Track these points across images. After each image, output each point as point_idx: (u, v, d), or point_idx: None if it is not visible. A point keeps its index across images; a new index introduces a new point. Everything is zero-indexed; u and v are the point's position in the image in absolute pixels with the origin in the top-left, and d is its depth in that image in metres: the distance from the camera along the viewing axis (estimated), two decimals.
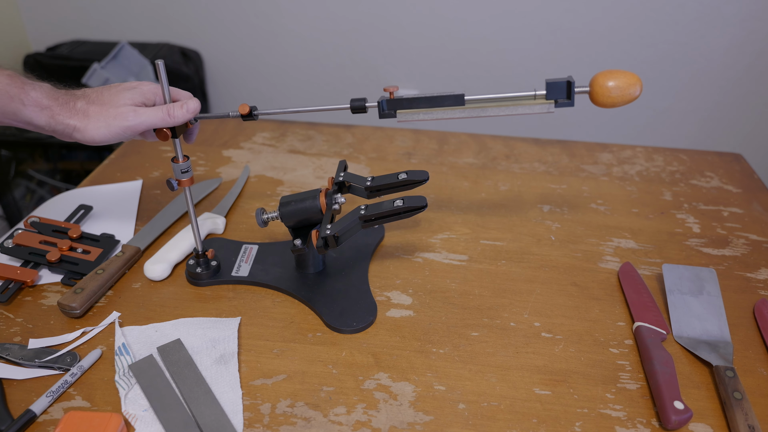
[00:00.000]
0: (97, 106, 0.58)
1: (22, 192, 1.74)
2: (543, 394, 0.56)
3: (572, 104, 0.57)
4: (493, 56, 1.77)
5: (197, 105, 0.59)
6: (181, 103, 0.59)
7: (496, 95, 0.58)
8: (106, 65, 1.72)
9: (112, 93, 0.59)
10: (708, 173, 0.94)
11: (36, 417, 0.52)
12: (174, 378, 0.56)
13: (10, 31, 1.90)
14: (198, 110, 0.60)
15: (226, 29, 1.85)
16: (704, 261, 0.75)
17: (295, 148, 0.98)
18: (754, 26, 1.62)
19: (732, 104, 1.76)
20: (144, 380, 0.55)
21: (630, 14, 1.65)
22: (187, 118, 0.59)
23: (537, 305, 0.67)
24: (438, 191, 0.87)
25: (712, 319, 0.64)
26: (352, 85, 1.87)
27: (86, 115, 0.57)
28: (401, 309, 0.66)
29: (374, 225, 0.62)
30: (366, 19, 1.76)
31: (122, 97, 0.59)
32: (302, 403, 0.54)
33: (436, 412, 0.54)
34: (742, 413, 0.52)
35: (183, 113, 0.58)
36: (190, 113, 0.59)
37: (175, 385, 0.55)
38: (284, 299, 0.67)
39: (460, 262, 0.73)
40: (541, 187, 0.89)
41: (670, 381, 0.55)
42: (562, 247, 0.76)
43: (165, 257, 0.69)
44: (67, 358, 0.57)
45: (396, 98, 0.60)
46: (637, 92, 0.56)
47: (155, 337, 0.61)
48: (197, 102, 0.60)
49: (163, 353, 0.58)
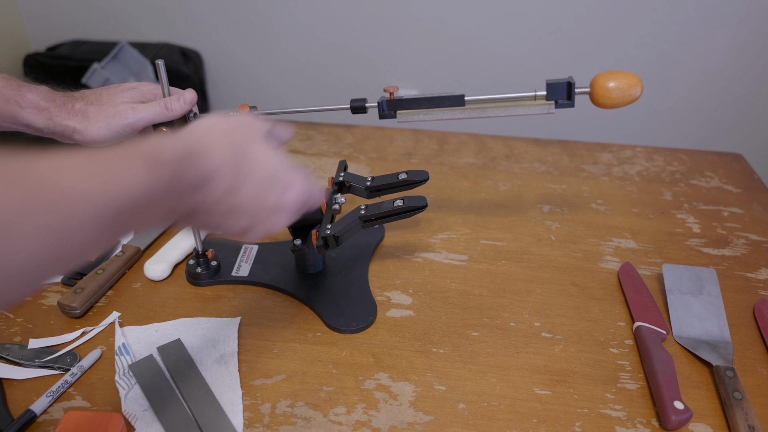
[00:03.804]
0: (96, 106, 0.58)
1: None
2: (543, 394, 0.56)
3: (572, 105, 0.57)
4: (493, 56, 1.77)
5: (193, 95, 0.60)
6: (177, 96, 0.59)
7: (496, 96, 0.58)
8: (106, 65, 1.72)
9: (111, 93, 0.59)
10: (708, 173, 0.94)
11: (36, 417, 0.52)
12: (174, 378, 0.56)
13: (10, 31, 1.90)
14: (195, 100, 0.60)
15: (226, 29, 1.85)
16: (704, 261, 0.75)
17: (295, 148, 0.98)
18: (754, 26, 1.62)
19: (732, 104, 1.76)
20: (144, 380, 0.55)
21: (630, 14, 1.65)
22: (185, 110, 0.59)
23: (537, 305, 0.67)
24: (438, 191, 0.87)
25: (712, 319, 0.64)
26: (353, 85, 1.87)
27: (85, 116, 0.57)
28: (401, 309, 0.66)
29: (374, 225, 0.62)
30: (366, 19, 1.76)
31: (121, 97, 0.59)
32: (302, 403, 0.54)
33: (436, 412, 0.54)
34: (742, 413, 0.52)
35: (180, 105, 0.59)
36: (187, 104, 0.59)
37: (175, 385, 0.55)
38: (284, 299, 0.67)
39: (460, 262, 0.73)
40: (541, 187, 0.89)
41: (670, 381, 0.55)
42: (562, 247, 0.76)
43: (165, 257, 0.70)
44: (67, 358, 0.57)
45: (396, 99, 0.60)
46: (638, 93, 0.56)
47: (155, 337, 0.61)
48: (193, 92, 0.60)
49: (163, 353, 0.58)
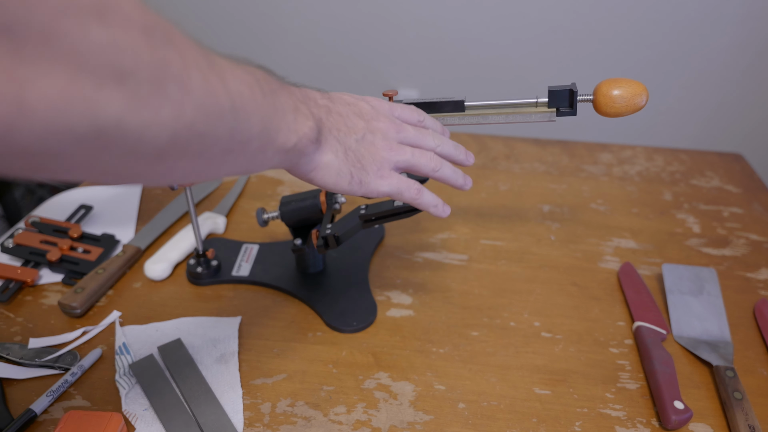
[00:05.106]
0: None
1: (22, 192, 1.74)
2: (543, 394, 0.56)
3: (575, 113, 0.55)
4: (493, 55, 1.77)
5: None
6: None
7: (496, 102, 0.57)
8: None
9: None
10: (708, 173, 0.94)
11: (36, 416, 0.52)
12: (174, 377, 0.56)
13: None
14: None
15: (226, 29, 1.85)
16: (704, 261, 0.75)
17: None
18: (754, 26, 1.62)
19: (732, 104, 1.76)
20: (144, 380, 0.55)
21: (630, 14, 1.65)
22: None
23: (537, 305, 0.67)
24: (438, 191, 0.87)
25: (712, 319, 0.64)
26: (353, 85, 1.87)
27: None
28: (401, 309, 0.66)
29: (374, 225, 0.62)
30: (367, 19, 1.76)
31: None
32: (302, 403, 0.54)
33: (436, 411, 0.54)
34: (742, 413, 0.52)
35: None
36: None
37: (175, 384, 0.55)
38: (284, 299, 0.67)
39: (460, 262, 0.73)
40: (541, 187, 0.89)
41: (670, 381, 0.55)
42: (562, 247, 0.76)
43: (165, 257, 0.70)
44: (68, 357, 0.57)
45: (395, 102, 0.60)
46: (643, 102, 0.53)
47: (156, 336, 0.61)
48: None
49: (163, 353, 0.58)
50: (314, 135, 0.41)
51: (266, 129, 0.36)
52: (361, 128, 0.46)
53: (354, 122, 0.46)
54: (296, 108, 0.40)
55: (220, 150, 0.33)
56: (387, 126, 0.48)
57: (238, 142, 0.34)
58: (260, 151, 0.37)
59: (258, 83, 0.35)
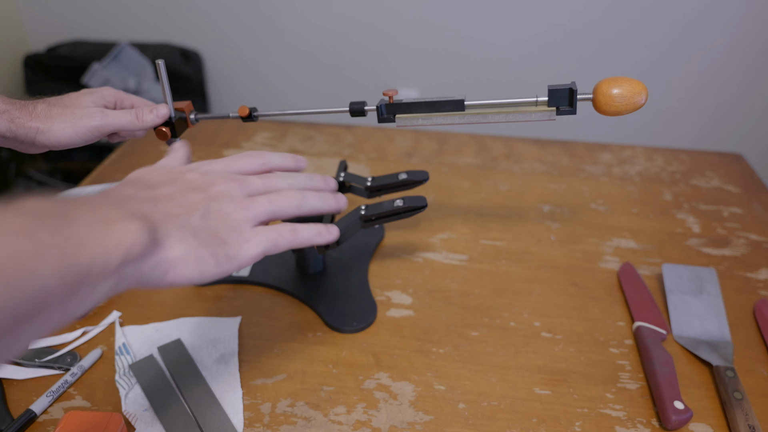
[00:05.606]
0: (60, 108, 0.57)
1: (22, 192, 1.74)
2: (543, 394, 0.56)
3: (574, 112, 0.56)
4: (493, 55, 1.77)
5: (167, 111, 0.59)
6: (150, 108, 0.59)
7: (496, 101, 0.58)
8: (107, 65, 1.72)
9: (73, 97, 0.59)
10: (708, 173, 0.94)
11: (36, 417, 0.52)
12: (174, 378, 0.56)
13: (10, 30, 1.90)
14: (167, 116, 0.60)
15: (226, 29, 1.85)
16: (704, 261, 0.75)
17: (295, 148, 0.98)
18: (754, 26, 1.62)
19: (732, 104, 1.76)
20: (144, 380, 0.55)
21: (630, 14, 1.65)
22: (156, 123, 0.59)
23: (537, 305, 0.67)
24: (438, 191, 0.87)
25: (712, 319, 0.64)
26: (353, 85, 1.87)
27: (49, 116, 0.56)
28: (401, 309, 0.66)
29: (374, 225, 0.62)
30: (367, 19, 1.76)
31: (85, 100, 0.59)
32: (302, 403, 0.54)
33: (436, 411, 0.54)
34: (742, 413, 0.52)
35: (152, 117, 0.59)
36: (159, 118, 0.59)
37: (175, 384, 0.55)
38: (284, 299, 0.67)
39: (460, 262, 0.73)
40: (541, 187, 0.89)
41: (670, 381, 0.55)
42: (562, 247, 0.76)
43: None
44: (68, 357, 0.57)
45: (395, 102, 0.60)
46: (643, 100, 0.54)
47: (156, 336, 0.61)
48: (167, 107, 0.60)
49: (163, 353, 0.58)
50: (146, 236, 0.34)
51: (69, 267, 0.29)
52: (200, 201, 0.40)
53: (189, 198, 0.40)
54: (109, 219, 0.33)
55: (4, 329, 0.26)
56: (227, 186, 0.43)
57: (28, 309, 0.27)
58: (70, 295, 0.30)
59: (42, 220, 0.29)
